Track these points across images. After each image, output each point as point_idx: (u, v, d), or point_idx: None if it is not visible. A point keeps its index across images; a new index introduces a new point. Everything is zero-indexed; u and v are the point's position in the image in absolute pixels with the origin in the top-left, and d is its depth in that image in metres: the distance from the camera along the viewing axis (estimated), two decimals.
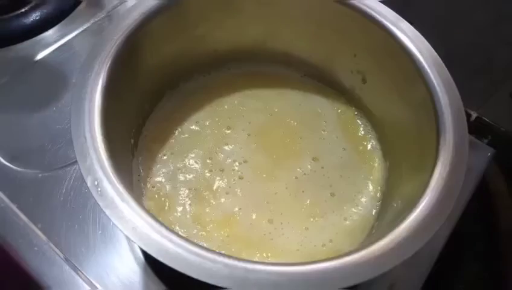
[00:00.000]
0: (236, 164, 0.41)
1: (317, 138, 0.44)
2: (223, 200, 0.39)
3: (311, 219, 0.39)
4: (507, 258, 0.49)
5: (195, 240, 0.36)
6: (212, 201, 0.39)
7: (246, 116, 0.45)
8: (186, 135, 0.43)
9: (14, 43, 0.51)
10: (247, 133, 0.43)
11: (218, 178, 0.40)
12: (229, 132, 0.43)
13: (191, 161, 0.41)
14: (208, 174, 0.40)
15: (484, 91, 0.51)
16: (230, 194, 0.39)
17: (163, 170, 0.40)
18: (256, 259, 0.36)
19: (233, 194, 0.39)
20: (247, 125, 0.44)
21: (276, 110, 0.45)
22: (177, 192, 0.39)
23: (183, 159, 0.41)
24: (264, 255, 0.37)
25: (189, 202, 0.39)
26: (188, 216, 0.38)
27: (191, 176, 0.40)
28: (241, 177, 0.40)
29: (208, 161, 0.41)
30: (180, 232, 0.37)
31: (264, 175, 0.41)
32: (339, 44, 0.43)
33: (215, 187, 0.40)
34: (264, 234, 0.37)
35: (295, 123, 0.44)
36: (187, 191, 0.39)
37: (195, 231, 0.37)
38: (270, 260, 0.36)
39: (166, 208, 0.38)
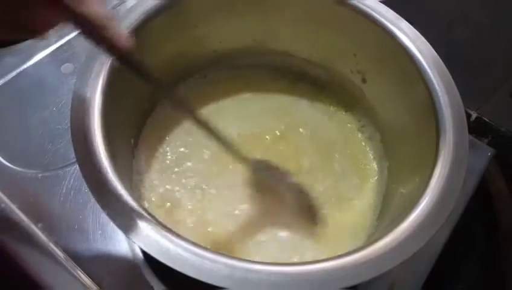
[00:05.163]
0: (238, 163, 0.41)
1: (317, 137, 0.44)
2: (225, 195, 0.39)
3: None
4: (507, 258, 0.49)
5: (196, 238, 0.37)
6: (215, 198, 0.39)
7: (246, 116, 0.45)
8: (187, 135, 0.43)
9: (14, 43, 0.51)
10: (247, 134, 0.43)
11: (220, 177, 0.40)
12: (229, 132, 0.43)
13: (193, 160, 0.41)
14: (210, 173, 0.41)
15: (484, 91, 0.51)
16: (233, 191, 0.40)
17: (164, 169, 0.41)
18: (258, 254, 0.37)
19: (235, 192, 0.40)
20: (246, 127, 0.44)
21: (275, 111, 0.45)
22: (179, 191, 0.39)
23: (184, 158, 0.41)
24: (267, 250, 0.37)
25: (191, 200, 0.39)
26: (190, 214, 0.38)
27: (193, 174, 0.40)
28: (241, 177, 0.40)
29: (210, 159, 0.41)
30: (181, 230, 0.37)
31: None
32: (339, 44, 0.43)
33: (218, 185, 0.40)
34: (266, 231, 0.38)
35: (294, 123, 0.44)
36: (189, 189, 0.40)
37: (197, 228, 0.38)
38: (274, 255, 0.37)
39: (167, 206, 0.38)
